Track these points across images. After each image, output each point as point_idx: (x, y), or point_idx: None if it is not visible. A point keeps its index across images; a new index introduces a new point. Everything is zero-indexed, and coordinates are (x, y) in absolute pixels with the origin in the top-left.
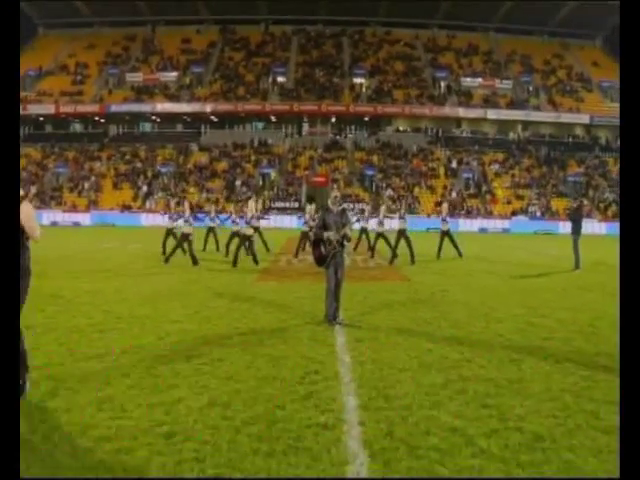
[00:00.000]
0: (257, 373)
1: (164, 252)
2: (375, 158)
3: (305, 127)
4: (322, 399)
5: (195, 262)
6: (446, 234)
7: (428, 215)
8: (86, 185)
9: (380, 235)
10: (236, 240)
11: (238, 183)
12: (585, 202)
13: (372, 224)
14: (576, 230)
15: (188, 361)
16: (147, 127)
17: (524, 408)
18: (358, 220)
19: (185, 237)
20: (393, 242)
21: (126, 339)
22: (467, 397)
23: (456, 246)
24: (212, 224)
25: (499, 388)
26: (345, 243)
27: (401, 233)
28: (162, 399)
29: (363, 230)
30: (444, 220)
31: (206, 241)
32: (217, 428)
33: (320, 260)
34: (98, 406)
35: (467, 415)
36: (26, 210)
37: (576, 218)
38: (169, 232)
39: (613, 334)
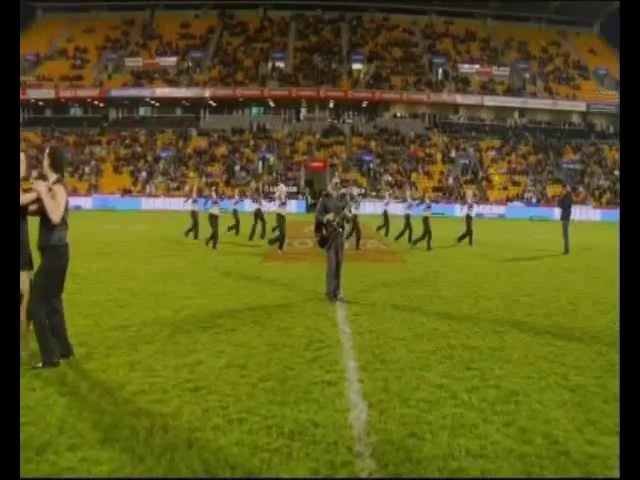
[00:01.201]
0: (268, 341)
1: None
2: (373, 144)
3: (303, 112)
4: (326, 362)
5: (195, 236)
6: (470, 220)
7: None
8: (86, 169)
9: (407, 217)
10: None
11: (237, 168)
12: (580, 189)
13: (392, 208)
14: (565, 216)
15: (204, 331)
16: (147, 112)
17: (503, 370)
18: (356, 202)
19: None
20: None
21: (144, 312)
22: (453, 361)
23: (465, 234)
24: (235, 207)
25: (482, 354)
26: (344, 225)
27: (425, 219)
28: (185, 362)
29: (384, 214)
30: (470, 207)
31: (237, 223)
32: (236, 384)
33: (322, 242)
34: (130, 367)
35: (452, 375)
36: (52, 191)
37: (565, 204)
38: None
39: (590, 311)
